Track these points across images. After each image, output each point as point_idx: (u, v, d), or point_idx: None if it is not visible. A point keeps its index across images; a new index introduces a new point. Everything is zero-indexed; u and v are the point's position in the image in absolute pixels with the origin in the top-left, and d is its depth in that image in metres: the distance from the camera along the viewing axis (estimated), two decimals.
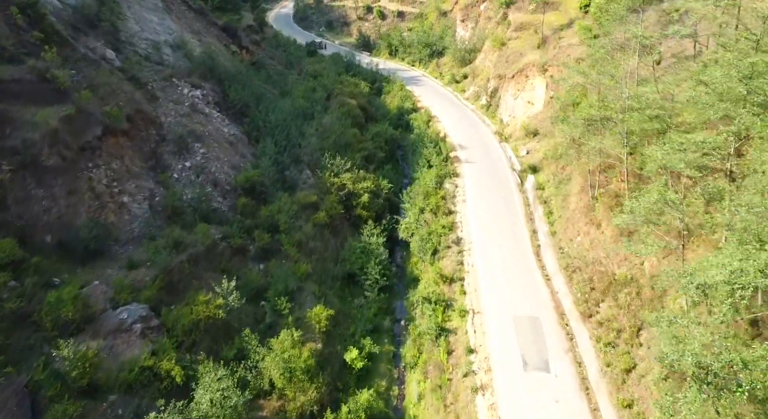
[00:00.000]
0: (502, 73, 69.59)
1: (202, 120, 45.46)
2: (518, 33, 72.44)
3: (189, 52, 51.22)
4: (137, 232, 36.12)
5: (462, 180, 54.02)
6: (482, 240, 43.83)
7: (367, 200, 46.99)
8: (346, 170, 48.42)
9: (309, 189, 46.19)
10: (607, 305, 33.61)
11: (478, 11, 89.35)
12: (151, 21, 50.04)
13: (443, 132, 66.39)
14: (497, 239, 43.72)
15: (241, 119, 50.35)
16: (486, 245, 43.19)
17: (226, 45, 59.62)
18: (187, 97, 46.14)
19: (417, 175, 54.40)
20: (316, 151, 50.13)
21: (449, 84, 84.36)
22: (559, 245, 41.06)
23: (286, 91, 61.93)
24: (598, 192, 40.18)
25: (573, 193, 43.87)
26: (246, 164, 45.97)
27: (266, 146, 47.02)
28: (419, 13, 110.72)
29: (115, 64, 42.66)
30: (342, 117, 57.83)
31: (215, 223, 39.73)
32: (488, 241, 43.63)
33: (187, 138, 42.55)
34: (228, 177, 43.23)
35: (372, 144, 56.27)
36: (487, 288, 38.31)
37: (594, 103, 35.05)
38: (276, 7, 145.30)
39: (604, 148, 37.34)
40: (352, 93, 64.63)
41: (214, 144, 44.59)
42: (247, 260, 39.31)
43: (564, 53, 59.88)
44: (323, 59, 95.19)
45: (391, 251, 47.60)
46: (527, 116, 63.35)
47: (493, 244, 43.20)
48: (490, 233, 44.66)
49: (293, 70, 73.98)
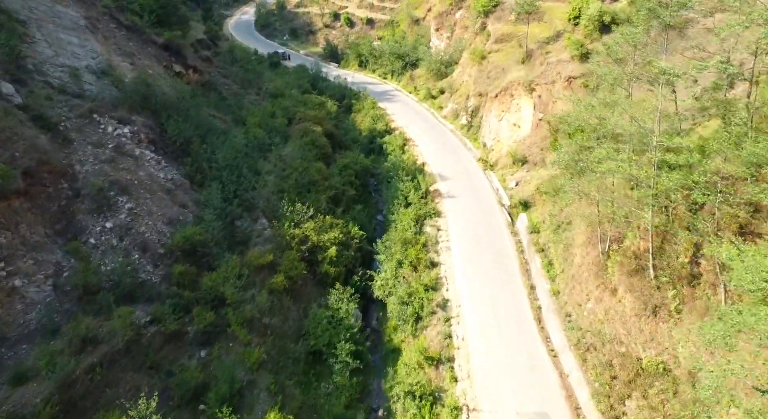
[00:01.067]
0: (483, 90, 62.92)
1: (130, 165, 37.31)
2: (499, 45, 65.88)
3: (117, 79, 42.89)
4: (34, 325, 27.95)
5: (445, 220, 47.00)
6: (472, 302, 36.87)
7: (334, 253, 39.52)
8: (308, 218, 40.86)
9: (264, 244, 38.46)
10: (636, 403, 26.93)
11: (454, 20, 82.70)
12: (69, 43, 41.57)
13: (421, 159, 59.37)
14: (490, 301, 36.85)
15: (182, 159, 42.27)
16: (477, 309, 36.24)
17: (167, 66, 51.34)
18: (111, 137, 37.91)
19: (393, 215, 47.17)
20: (273, 194, 42.42)
21: (425, 100, 77.43)
22: (565, 311, 34.33)
23: (241, 117, 53.96)
24: (609, 248, 33.62)
25: (577, 243, 37.23)
26: (187, 217, 38.00)
27: (211, 192, 39.08)
28: (390, 20, 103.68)
29: (14, 102, 34.23)
30: (305, 148, 50.22)
31: (143, 301, 31.76)
32: (479, 303, 36.70)
33: (108, 191, 34.41)
34: (162, 237, 35.18)
35: (340, 180, 48.77)
36: (483, 373, 31.28)
37: (610, 153, 28.25)
38: (237, 13, 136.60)
39: (618, 202, 30.86)
40: (317, 117, 57.01)
41: (146, 195, 36.50)
42: (185, 347, 31.36)
43: (553, 70, 53.50)
44: (287, 72, 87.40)
45: (365, 310, 40.44)
46: (513, 140, 56.81)
47: (485, 307, 36.29)
48: (481, 292, 37.75)
49: (251, 89, 65.90)
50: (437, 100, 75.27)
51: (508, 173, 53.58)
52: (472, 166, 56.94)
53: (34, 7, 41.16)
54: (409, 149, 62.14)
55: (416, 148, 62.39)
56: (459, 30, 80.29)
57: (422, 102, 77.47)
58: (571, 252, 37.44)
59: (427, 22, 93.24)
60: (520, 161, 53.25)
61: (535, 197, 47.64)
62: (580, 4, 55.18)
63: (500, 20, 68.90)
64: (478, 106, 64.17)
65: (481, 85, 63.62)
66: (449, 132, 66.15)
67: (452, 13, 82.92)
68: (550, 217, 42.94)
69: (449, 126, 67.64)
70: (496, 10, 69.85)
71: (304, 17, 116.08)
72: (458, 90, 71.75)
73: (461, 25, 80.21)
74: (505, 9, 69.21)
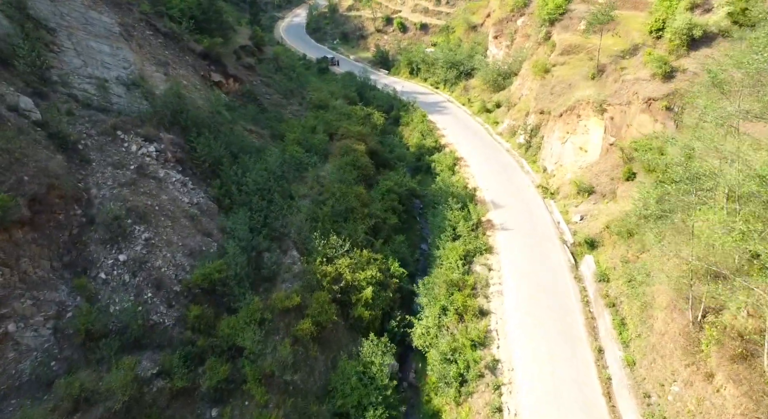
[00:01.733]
0: (545, 107, 56.84)
1: (152, 188, 34.04)
2: (565, 58, 59.63)
3: (149, 91, 39.91)
4: (27, 376, 24.74)
5: (497, 258, 41.58)
6: (527, 366, 31.46)
7: (370, 295, 34.99)
8: (344, 253, 36.50)
9: (292, 282, 34.37)
10: None
11: (515, 27, 76.59)
12: (99, 52, 38.90)
13: (472, 182, 54.02)
14: (549, 365, 31.30)
15: (211, 180, 38.82)
16: (533, 375, 30.80)
17: (205, 76, 48.28)
18: (134, 157, 34.79)
19: (438, 250, 42.15)
20: (307, 221, 38.31)
21: (479, 113, 71.82)
22: (643, 389, 28.39)
23: (279, 132, 50.30)
24: (703, 318, 27.47)
25: (658, 304, 31.07)
26: (211, 246, 34.40)
27: (237, 220, 35.34)
28: (445, 26, 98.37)
29: (32, 117, 31.51)
30: (345, 169, 45.94)
31: (152, 347, 28.23)
32: (536, 367, 31.24)
33: (125, 218, 31.14)
34: (180, 271, 31.63)
35: (381, 206, 44.19)
36: None
37: (721, 217, 22.25)
38: (288, 16, 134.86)
39: (721, 265, 24.75)
40: (360, 134, 52.65)
41: (166, 222, 33.11)
42: (194, 404, 27.62)
43: (629, 90, 47.01)
44: (334, 79, 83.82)
45: (401, 358, 35.77)
46: (579, 166, 50.62)
47: (543, 373, 30.79)
48: (538, 352, 32.25)
49: (294, 99, 62.35)
50: (492, 115, 69.54)
51: (572, 203, 47.52)
52: (529, 193, 51.11)
53: (66, 13, 38.72)
54: (459, 170, 56.92)
55: (467, 168, 57.08)
56: (520, 38, 74.19)
57: (476, 116, 71.91)
58: (650, 314, 31.34)
59: (485, 29, 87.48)
60: (586, 191, 47.10)
61: (603, 237, 41.57)
62: (663, 14, 48.35)
63: (567, 30, 62.52)
64: (538, 124, 58.14)
65: (543, 102, 57.57)
66: (504, 151, 60.42)
67: (513, 20, 76.86)
68: (623, 264, 36.87)
69: (505, 144, 61.88)
70: (563, 18, 63.50)
71: (355, 21, 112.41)
72: (516, 105, 65.81)
73: (523, 33, 74.07)
74: (573, 17, 62.79)
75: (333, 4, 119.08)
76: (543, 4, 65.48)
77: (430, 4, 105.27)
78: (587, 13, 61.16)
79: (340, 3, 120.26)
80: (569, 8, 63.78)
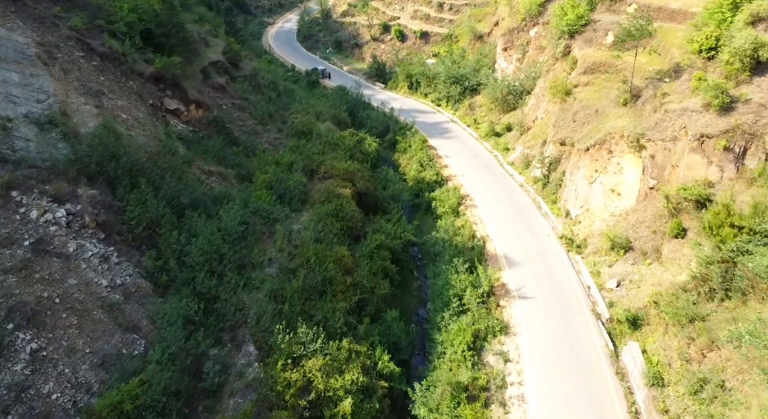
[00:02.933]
0: (567, 137, 47.98)
1: (54, 271, 25.29)
2: (589, 77, 50.70)
3: (71, 131, 31.12)
4: None
5: (514, 342, 32.68)
6: None
7: (349, 410, 26.08)
8: (315, 349, 27.66)
9: (245, 394, 25.54)
10: None
11: (527, 38, 67.69)
12: (3, 82, 30.15)
13: (481, 228, 45.13)
14: None
15: (145, 249, 29.98)
16: None
17: (155, 105, 39.50)
18: (33, 228, 26.02)
19: (441, 332, 33.24)
20: (269, 302, 29.47)
21: (486, 137, 62.96)
22: None
23: (248, 171, 41.48)
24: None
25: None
26: (136, 347, 25.60)
27: (168, 310, 26.53)
28: (448, 34, 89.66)
29: None
30: (325, 221, 37.13)
31: None
32: None
33: (4, 323, 22.36)
34: (83, 395, 22.82)
35: (369, 270, 35.34)
36: None
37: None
38: (279, 21, 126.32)
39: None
40: (347, 172, 43.71)
41: (70, 320, 24.35)
42: None
43: (674, 122, 38.22)
44: (325, 94, 75.08)
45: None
46: (610, 212, 41.76)
47: None
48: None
49: (273, 124, 53.56)
50: (502, 140, 60.68)
51: (604, 262, 38.67)
52: (550, 245, 42.24)
53: None
54: (465, 211, 48.07)
55: (474, 209, 48.20)
56: (533, 51, 65.30)
57: (483, 140, 63.02)
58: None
59: (492, 39, 78.60)
60: (622, 247, 38.27)
61: (649, 312, 32.78)
62: (717, 29, 39.43)
63: (590, 44, 53.59)
64: (558, 157, 49.24)
65: (564, 130, 48.68)
66: (518, 187, 51.53)
67: (525, 31, 67.93)
68: (682, 361, 28.04)
69: (518, 178, 52.98)
70: (585, 30, 54.58)
71: (350, 28, 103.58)
72: (531, 130, 56.93)
73: (536, 45, 65.20)
74: (598, 29, 53.92)
75: (326, 10, 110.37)
76: (561, 13, 56.59)
77: (431, 10, 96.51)
78: (614, 24, 52.38)
79: (333, 8, 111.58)
80: (593, 18, 54.90)
